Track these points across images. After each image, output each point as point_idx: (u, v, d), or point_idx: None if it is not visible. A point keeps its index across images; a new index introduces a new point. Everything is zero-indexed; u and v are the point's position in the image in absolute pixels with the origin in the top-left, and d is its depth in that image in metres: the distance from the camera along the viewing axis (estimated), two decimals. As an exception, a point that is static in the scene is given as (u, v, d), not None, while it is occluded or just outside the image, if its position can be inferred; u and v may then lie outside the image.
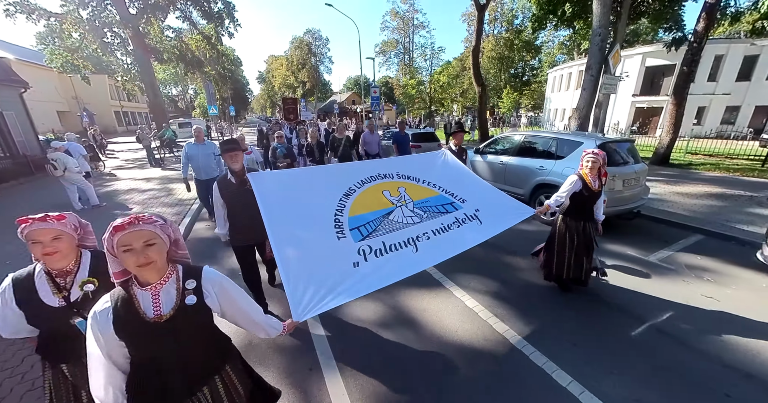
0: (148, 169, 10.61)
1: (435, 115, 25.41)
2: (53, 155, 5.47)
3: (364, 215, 2.04)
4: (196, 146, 4.49)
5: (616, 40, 9.75)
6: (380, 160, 2.66)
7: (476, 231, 2.23)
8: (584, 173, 2.70)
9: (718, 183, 7.09)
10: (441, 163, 2.90)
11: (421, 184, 2.50)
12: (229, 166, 2.32)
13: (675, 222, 4.71)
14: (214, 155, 4.54)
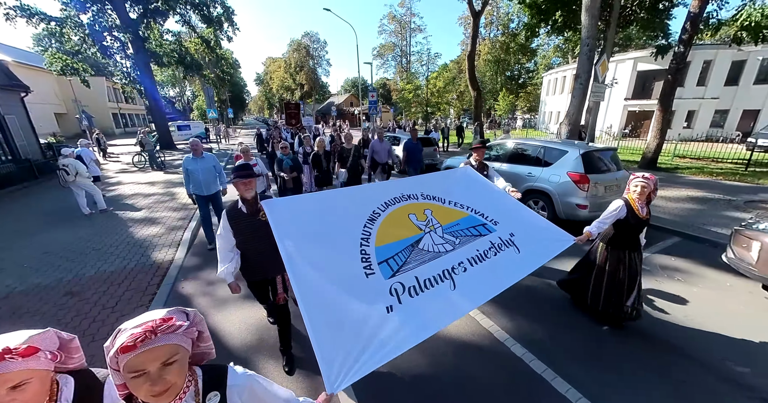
0: (150, 173, 10.80)
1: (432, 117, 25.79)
2: (65, 161, 5.70)
3: (391, 244, 1.79)
4: (194, 161, 4.18)
5: (605, 48, 10.13)
6: (402, 179, 2.32)
7: (516, 262, 1.95)
8: (631, 199, 2.46)
9: (700, 187, 7.43)
10: (466, 181, 2.60)
11: (449, 206, 2.22)
12: (241, 195, 2.10)
13: (655, 225, 5.01)
14: (215, 169, 4.31)
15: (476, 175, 2.73)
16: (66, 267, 4.00)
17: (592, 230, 2.50)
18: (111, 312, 3.09)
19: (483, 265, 1.85)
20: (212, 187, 4.34)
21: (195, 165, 4.18)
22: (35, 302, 3.28)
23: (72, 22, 16.06)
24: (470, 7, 14.10)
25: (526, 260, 1.98)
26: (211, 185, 4.34)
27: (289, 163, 4.92)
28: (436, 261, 1.78)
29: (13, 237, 5.08)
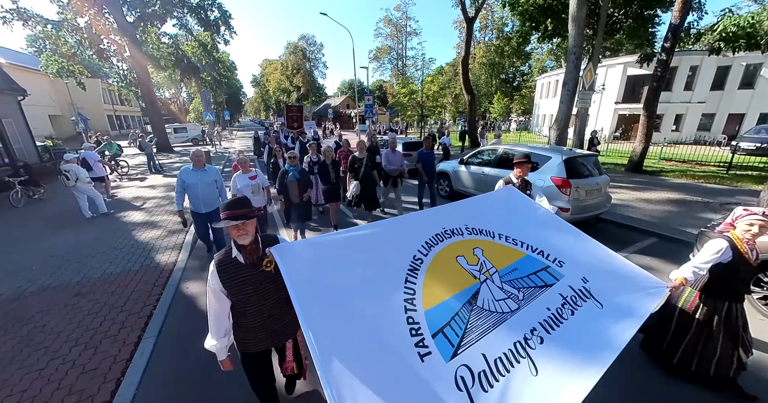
0: (149, 176, 10.92)
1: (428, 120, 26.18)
2: (66, 167, 5.86)
3: (444, 304, 1.38)
4: (194, 173, 3.74)
5: (593, 55, 10.50)
6: (439, 208, 1.96)
7: (603, 325, 1.47)
8: (737, 238, 1.98)
9: (681, 190, 7.77)
10: (514, 207, 2.14)
11: (500, 241, 1.82)
12: (235, 241, 1.53)
13: (634, 226, 5.31)
14: (216, 183, 3.88)
15: (524, 198, 2.28)
16: (73, 269, 4.17)
17: (687, 276, 2.02)
18: (120, 311, 3.27)
19: (562, 331, 1.40)
20: (211, 204, 3.88)
21: (194, 178, 3.71)
22: (46, 302, 3.45)
23: (69, 25, 16.13)
24: (464, 13, 14.45)
25: (613, 320, 1.48)
26: (210, 202, 3.86)
27: (296, 176, 4.25)
28: (503, 327, 1.37)
29: (17, 241, 5.23)
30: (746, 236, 1.96)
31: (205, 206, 3.86)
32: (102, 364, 2.58)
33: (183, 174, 3.75)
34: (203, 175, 3.79)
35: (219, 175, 3.98)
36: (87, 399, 2.26)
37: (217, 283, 1.57)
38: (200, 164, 3.80)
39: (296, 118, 16.18)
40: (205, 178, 3.80)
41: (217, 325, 1.65)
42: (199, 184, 3.75)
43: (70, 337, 2.90)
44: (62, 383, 2.40)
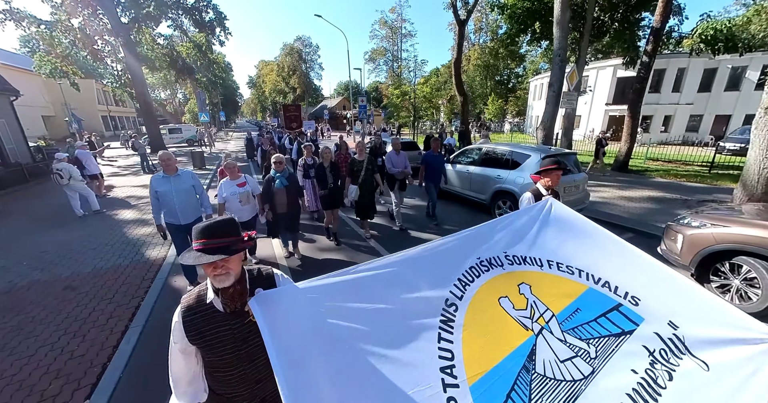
0: (142, 176, 10.98)
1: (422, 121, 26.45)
2: (59, 165, 5.95)
3: (493, 372, 1.00)
4: (166, 180, 3.28)
5: (580, 57, 10.75)
6: (469, 233, 1.40)
7: (714, 397, 0.98)
8: None
9: (662, 188, 8.00)
10: (558, 223, 1.59)
11: (551, 271, 1.39)
12: (212, 281, 1.11)
13: (612, 223, 5.50)
14: (194, 189, 3.45)
15: (569, 212, 1.66)
16: (63, 264, 4.27)
17: None
18: (108, 303, 3.38)
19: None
20: (191, 213, 3.41)
21: (167, 185, 3.27)
22: (37, 295, 3.55)
23: (62, 26, 16.15)
24: (455, 16, 14.67)
25: (730, 393, 0.96)
26: (190, 211, 3.39)
27: (283, 183, 3.81)
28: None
29: (9, 238, 5.30)
30: None
31: (183, 216, 3.34)
32: (89, 351, 2.70)
33: (154, 182, 3.28)
34: (177, 182, 3.31)
35: (196, 179, 3.51)
36: (74, 382, 2.38)
37: (182, 339, 1.11)
38: (171, 169, 3.30)
39: (294, 118, 14.82)
40: (180, 184, 3.32)
41: (185, 391, 1.19)
42: (173, 192, 3.26)
43: (60, 326, 3.01)
44: (50, 368, 2.51)
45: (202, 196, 3.55)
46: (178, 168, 3.39)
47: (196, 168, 12.28)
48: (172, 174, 3.32)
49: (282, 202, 3.89)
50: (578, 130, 24.23)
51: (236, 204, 3.68)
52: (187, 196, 3.39)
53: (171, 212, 3.35)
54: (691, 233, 3.40)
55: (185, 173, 3.44)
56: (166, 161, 3.27)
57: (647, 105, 21.50)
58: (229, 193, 3.65)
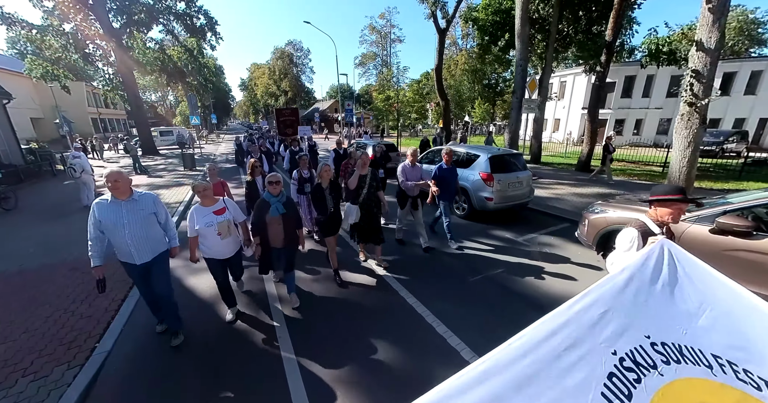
0: (134, 177, 11.47)
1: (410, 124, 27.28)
2: (74, 161, 6.91)
3: None
4: (115, 207, 2.47)
5: (546, 66, 11.68)
6: (593, 300, 0.81)
7: None
8: None
9: (614, 186, 8.87)
10: (689, 282, 1.05)
11: (727, 380, 0.83)
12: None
13: (554, 214, 6.31)
14: (158, 217, 2.67)
15: (700, 264, 1.13)
16: (67, 251, 4.85)
17: None
18: (109, 280, 3.98)
19: None
20: (150, 248, 2.61)
21: (116, 214, 2.45)
22: (45, 274, 4.14)
23: (54, 30, 16.51)
24: (436, 25, 15.55)
25: None
26: (149, 246, 2.60)
27: (279, 210, 3.00)
28: None
29: (14, 230, 5.84)
30: None
31: (140, 254, 2.54)
32: (95, 312, 3.32)
33: (97, 210, 2.45)
34: (131, 209, 2.48)
35: (159, 205, 2.68)
36: (84, 333, 3.01)
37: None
38: (122, 192, 2.44)
39: (290, 123, 12.90)
40: (135, 212, 2.49)
41: None
42: (126, 223, 2.45)
43: (69, 297, 3.62)
44: (65, 325, 3.13)
45: (166, 224, 2.72)
46: (134, 191, 2.53)
47: (187, 169, 12.81)
48: (125, 198, 2.45)
49: (277, 234, 3.04)
50: (557, 134, 25.43)
51: (214, 238, 2.81)
52: (144, 226, 2.52)
53: (122, 248, 2.50)
54: (593, 218, 4.18)
55: (145, 198, 2.57)
56: (113, 182, 2.36)
57: (620, 109, 22.87)
58: (203, 225, 2.75)
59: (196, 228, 2.80)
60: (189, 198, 8.27)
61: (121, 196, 2.47)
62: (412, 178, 4.59)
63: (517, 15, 8.89)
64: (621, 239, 1.83)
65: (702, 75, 6.03)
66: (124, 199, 2.48)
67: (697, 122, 6.21)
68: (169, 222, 2.80)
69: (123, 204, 2.47)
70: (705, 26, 5.79)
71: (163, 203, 2.78)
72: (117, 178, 2.39)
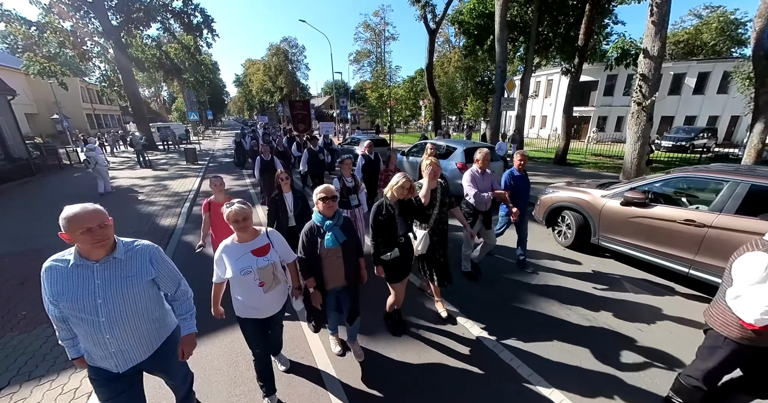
0: (138, 170, 12.12)
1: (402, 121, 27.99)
2: (89, 154, 7.67)
3: None
4: (80, 273, 1.33)
5: (527, 67, 12.53)
6: None
7: None
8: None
9: (582, 177, 9.82)
10: None
11: None
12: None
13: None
14: (158, 284, 1.54)
15: None
16: (97, 230, 5.60)
17: None
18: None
19: None
20: (143, 342, 1.50)
21: (82, 287, 1.33)
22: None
23: (52, 27, 16.83)
24: (426, 26, 16.29)
25: None
26: (142, 339, 1.49)
27: (338, 237, 2.13)
28: None
29: (39, 216, 6.54)
30: None
31: (127, 357, 1.46)
32: None
33: (49, 280, 1.33)
34: (110, 275, 1.38)
35: (162, 262, 1.54)
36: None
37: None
38: (98, 245, 1.33)
39: (302, 117, 10.65)
40: (118, 281, 1.39)
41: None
42: (101, 302, 1.35)
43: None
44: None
45: (176, 295, 1.62)
46: (119, 241, 1.41)
47: (189, 163, 13.42)
48: (100, 257, 1.36)
49: (336, 271, 2.20)
50: (544, 130, 26.47)
51: (253, 290, 1.89)
52: (136, 307, 1.44)
53: (95, 346, 1.39)
54: (543, 198, 5.09)
55: (137, 254, 1.45)
56: (84, 230, 1.28)
57: (603, 107, 23.92)
58: (238, 272, 1.83)
59: (225, 276, 1.86)
60: (197, 186, 8.96)
61: (96, 253, 1.33)
62: (483, 188, 3.50)
63: (497, 21, 9.70)
64: (748, 267, 1.48)
65: (648, 78, 6.95)
66: (98, 260, 1.34)
67: (645, 119, 7.15)
68: (180, 291, 1.62)
69: (97, 268, 1.34)
70: (649, 36, 6.70)
71: (172, 191, 2.37)
72: (91, 221, 1.28)
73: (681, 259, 3.50)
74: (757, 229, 2.94)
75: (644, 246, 3.81)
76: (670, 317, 3.16)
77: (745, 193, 3.13)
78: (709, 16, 31.35)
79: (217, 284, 1.97)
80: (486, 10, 11.99)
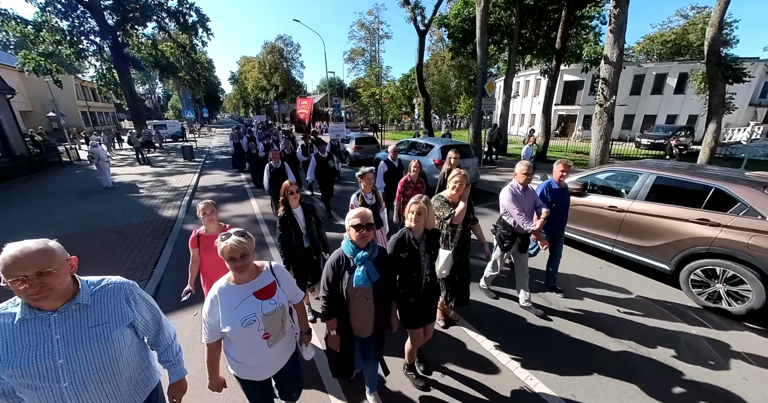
0: (138, 167, 12.61)
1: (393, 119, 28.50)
2: (92, 150, 8.26)
3: None
4: (31, 328, 1.02)
5: (509, 69, 13.18)
6: None
7: None
8: None
9: (557, 172, 10.52)
10: None
11: None
12: None
13: (492, 192, 7.87)
14: (135, 328, 1.24)
15: None
16: (106, 220, 6.16)
17: None
18: (147, 237, 5.36)
19: None
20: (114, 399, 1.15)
21: (36, 347, 1.01)
22: (95, 235, 5.46)
23: (48, 26, 17.09)
24: (416, 27, 16.81)
25: None
26: (127, 397, 1.20)
27: (372, 275, 1.71)
28: None
29: (50, 208, 7.07)
30: None
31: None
32: (142, 259, 4.65)
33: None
34: (73, 327, 1.07)
35: (140, 300, 1.29)
36: (139, 272, 4.39)
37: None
38: (50, 293, 0.99)
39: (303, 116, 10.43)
40: (83, 333, 1.08)
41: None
42: (62, 364, 1.03)
43: (119, 249, 4.96)
44: (122, 268, 4.50)
45: (157, 338, 1.35)
46: (81, 282, 1.15)
47: (186, 160, 13.90)
48: (54, 308, 1.05)
49: (365, 315, 1.80)
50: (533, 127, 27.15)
51: (256, 345, 1.48)
52: (108, 364, 1.13)
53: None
54: (505, 190, 5.75)
55: (106, 295, 1.19)
56: (30, 277, 0.95)
57: (588, 106, 24.66)
58: (238, 322, 1.41)
59: (223, 330, 1.41)
60: (195, 181, 9.50)
61: (50, 302, 1.04)
62: (528, 208, 3.00)
63: (478, 26, 10.31)
64: None
65: (608, 82, 7.63)
66: (54, 309, 1.06)
67: (606, 119, 7.84)
68: (163, 334, 1.37)
69: (55, 320, 1.06)
70: (609, 44, 7.37)
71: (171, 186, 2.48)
72: (26, 267, 0.95)
73: (607, 239, 4.19)
74: (660, 212, 3.63)
75: (581, 229, 4.50)
76: (739, 355, 2.68)
77: (653, 183, 3.82)
78: (696, 17, 32.20)
79: (212, 345, 1.45)
80: (470, 15, 12.58)
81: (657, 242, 3.65)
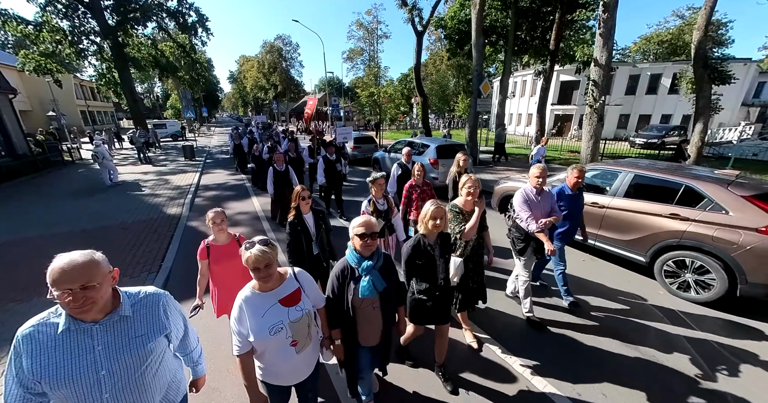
0: (140, 166, 12.81)
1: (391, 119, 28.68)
2: (96, 150, 8.47)
3: None
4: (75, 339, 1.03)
5: (505, 69, 13.42)
6: None
7: None
8: None
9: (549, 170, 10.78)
10: None
11: None
12: None
13: (486, 190, 8.13)
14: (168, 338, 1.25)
15: None
16: (112, 218, 6.39)
17: None
18: (153, 233, 5.59)
19: None
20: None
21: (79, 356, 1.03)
22: (103, 232, 5.69)
23: (49, 26, 17.20)
24: (413, 28, 17.02)
25: None
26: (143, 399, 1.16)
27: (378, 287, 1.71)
28: None
29: (56, 206, 7.28)
30: None
31: None
32: (150, 254, 4.89)
33: (29, 350, 1.00)
34: (114, 338, 1.09)
35: (173, 310, 1.28)
36: (146, 265, 4.62)
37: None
38: (93, 306, 1.01)
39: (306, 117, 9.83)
40: (124, 343, 1.10)
41: None
42: (104, 375, 1.05)
43: (128, 243, 5.20)
44: (131, 262, 4.73)
45: (187, 338, 1.39)
46: (123, 294, 1.16)
47: (188, 159, 14.09)
48: (96, 319, 1.07)
49: (372, 325, 1.79)
50: (531, 128, 27.44)
51: (284, 351, 1.49)
52: (144, 369, 1.15)
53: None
54: (497, 187, 6.02)
55: (144, 306, 1.20)
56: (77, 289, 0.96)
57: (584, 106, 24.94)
58: (266, 332, 1.42)
59: (251, 339, 1.43)
60: (196, 180, 9.72)
61: (92, 314, 1.05)
62: (543, 212, 2.95)
63: (473, 28, 10.54)
64: None
65: (598, 83, 7.89)
66: (97, 320, 1.08)
67: (596, 120, 8.10)
68: (188, 337, 1.41)
69: (97, 331, 1.08)
70: (599, 48, 7.63)
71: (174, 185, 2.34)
72: (72, 280, 0.96)
73: (589, 233, 4.45)
74: (637, 208, 3.90)
75: (566, 225, 4.75)
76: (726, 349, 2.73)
77: (630, 181, 4.08)
78: (692, 17, 32.50)
79: (244, 356, 1.43)
80: (466, 16, 12.81)
81: (634, 236, 3.91)
